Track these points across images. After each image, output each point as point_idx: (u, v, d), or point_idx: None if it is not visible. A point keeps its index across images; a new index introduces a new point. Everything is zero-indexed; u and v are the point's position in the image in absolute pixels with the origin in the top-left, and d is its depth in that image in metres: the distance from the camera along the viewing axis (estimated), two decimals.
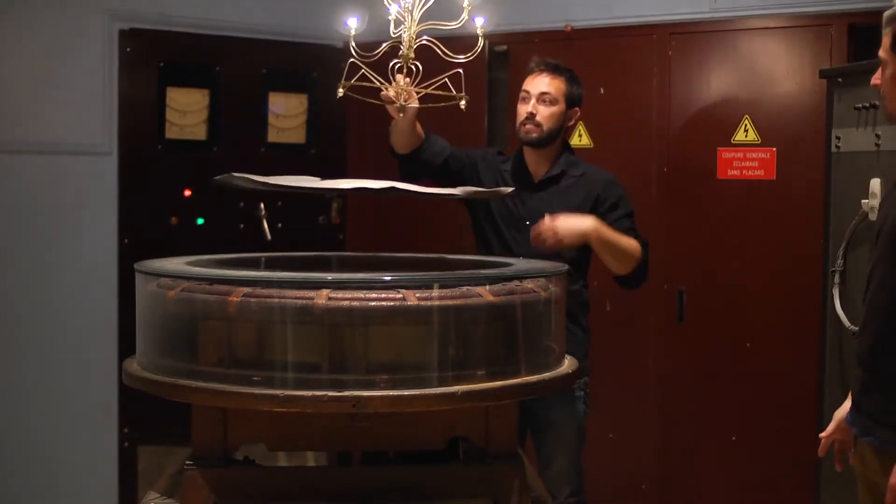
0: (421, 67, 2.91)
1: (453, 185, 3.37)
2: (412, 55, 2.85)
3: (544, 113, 3.59)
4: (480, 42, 2.85)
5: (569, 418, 3.60)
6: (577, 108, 3.69)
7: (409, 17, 2.83)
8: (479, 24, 2.87)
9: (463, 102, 2.91)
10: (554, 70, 3.66)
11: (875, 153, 3.52)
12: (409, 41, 2.84)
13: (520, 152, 3.72)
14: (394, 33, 2.85)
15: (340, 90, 2.85)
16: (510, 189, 3.28)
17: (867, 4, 4.06)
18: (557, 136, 3.66)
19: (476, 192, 3.30)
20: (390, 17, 2.83)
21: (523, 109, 3.62)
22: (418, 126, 3.48)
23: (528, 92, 3.63)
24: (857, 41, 4.17)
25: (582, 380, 3.57)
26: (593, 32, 4.74)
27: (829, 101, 3.81)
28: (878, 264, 2.58)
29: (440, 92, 2.89)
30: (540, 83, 3.62)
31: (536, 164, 3.68)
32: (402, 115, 3.14)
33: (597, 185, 3.65)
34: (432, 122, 3.53)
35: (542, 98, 3.60)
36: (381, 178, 2.82)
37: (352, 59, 2.84)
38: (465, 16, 2.83)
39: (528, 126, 3.60)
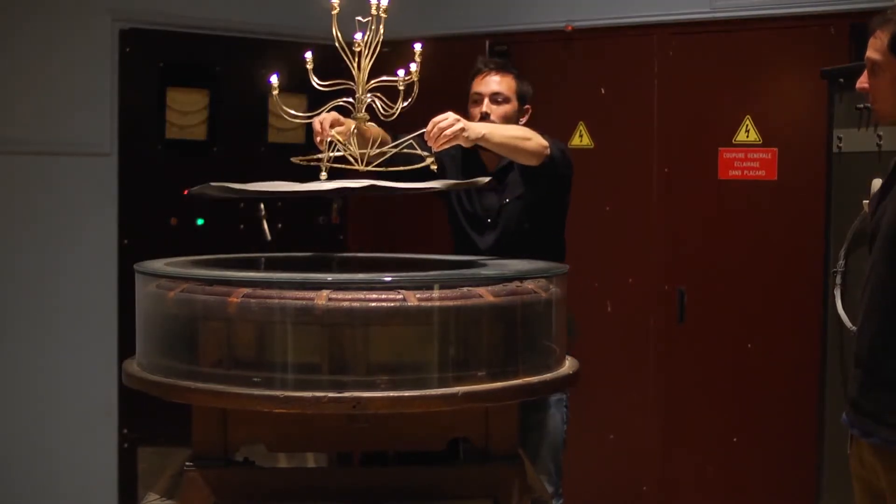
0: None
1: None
2: (367, 116, 2.80)
3: (498, 113, 3.51)
4: (415, 71, 2.76)
5: (547, 421, 3.57)
6: (528, 106, 3.61)
7: (358, 74, 2.74)
8: (417, 49, 2.80)
9: (434, 166, 2.85)
10: (503, 68, 3.58)
11: (876, 153, 3.52)
12: (360, 102, 2.78)
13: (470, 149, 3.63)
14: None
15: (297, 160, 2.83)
16: (487, 179, 3.18)
17: (868, 4, 4.05)
18: None
19: (455, 184, 3.26)
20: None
21: (476, 111, 3.52)
22: (373, 133, 3.18)
23: (479, 94, 3.54)
24: (858, 41, 4.16)
25: None
26: (594, 32, 4.74)
27: (830, 102, 3.80)
28: (875, 265, 2.58)
29: (410, 151, 2.83)
30: (490, 83, 3.53)
31: (488, 159, 3.57)
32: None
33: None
34: (426, 122, 3.50)
35: (495, 98, 3.52)
36: (362, 178, 2.80)
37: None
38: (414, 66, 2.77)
39: None
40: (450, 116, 2.95)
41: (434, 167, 2.90)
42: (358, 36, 2.70)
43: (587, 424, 4.73)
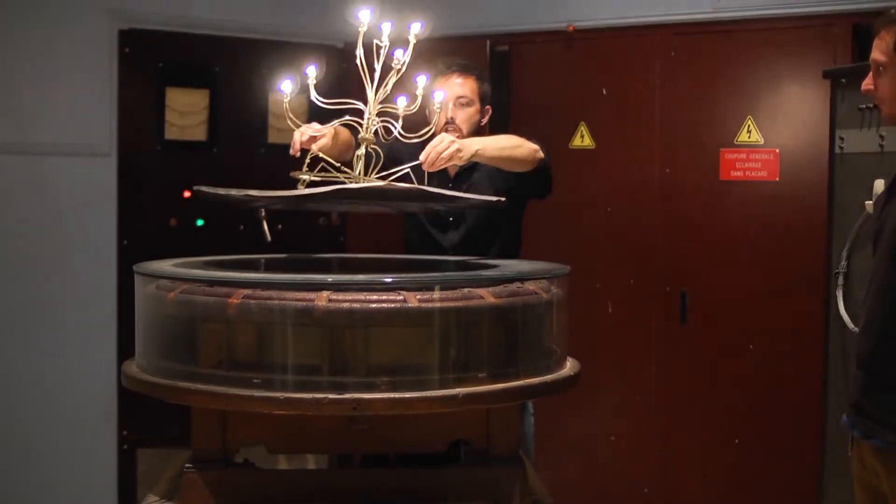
0: (381, 153, 2.82)
1: None
2: (373, 139, 2.79)
3: (462, 116, 3.51)
4: (419, 97, 2.76)
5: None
6: (488, 107, 3.62)
7: (372, 96, 2.74)
8: (439, 97, 2.79)
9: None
10: (465, 70, 3.56)
11: (879, 154, 3.51)
12: (368, 123, 2.77)
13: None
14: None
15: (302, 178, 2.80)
16: (502, 199, 3.13)
17: (870, 4, 4.05)
18: (476, 136, 3.51)
19: (469, 200, 3.23)
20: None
21: (441, 116, 3.44)
22: (342, 137, 3.20)
23: None
24: (861, 41, 4.15)
25: None
26: (595, 33, 4.73)
27: (832, 102, 3.80)
28: (878, 266, 2.59)
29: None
30: (454, 87, 3.52)
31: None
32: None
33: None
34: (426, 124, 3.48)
35: (459, 101, 3.51)
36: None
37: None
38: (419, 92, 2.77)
39: (449, 133, 3.42)
40: (445, 139, 2.95)
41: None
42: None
43: (588, 426, 4.73)
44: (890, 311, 2.53)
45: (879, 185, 3.41)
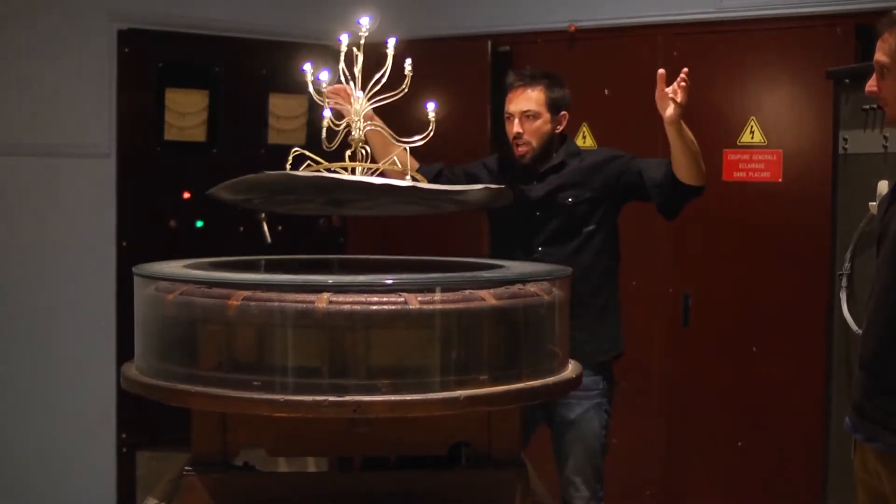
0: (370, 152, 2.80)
1: None
2: (362, 138, 2.78)
3: (530, 129, 3.58)
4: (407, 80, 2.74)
5: (582, 424, 3.62)
6: (564, 112, 3.68)
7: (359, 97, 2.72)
8: (431, 108, 2.78)
9: (415, 175, 2.78)
10: (531, 81, 3.62)
11: (883, 155, 3.51)
12: (358, 124, 2.76)
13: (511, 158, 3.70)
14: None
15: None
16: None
17: (874, 4, 4.05)
18: (550, 144, 3.65)
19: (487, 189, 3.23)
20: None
21: (510, 129, 3.61)
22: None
23: (510, 112, 3.61)
24: (864, 41, 4.14)
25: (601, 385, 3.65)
26: (598, 33, 4.73)
27: (835, 103, 3.78)
28: (881, 268, 2.58)
29: (392, 168, 2.79)
30: (520, 101, 3.59)
31: (536, 159, 3.66)
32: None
33: (600, 156, 3.73)
34: (426, 123, 3.47)
35: (525, 115, 3.58)
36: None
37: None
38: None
39: (519, 148, 3.59)
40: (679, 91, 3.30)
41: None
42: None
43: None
44: (892, 313, 2.52)
45: (883, 187, 3.40)
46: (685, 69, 3.30)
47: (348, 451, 2.70)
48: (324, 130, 2.78)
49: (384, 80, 2.69)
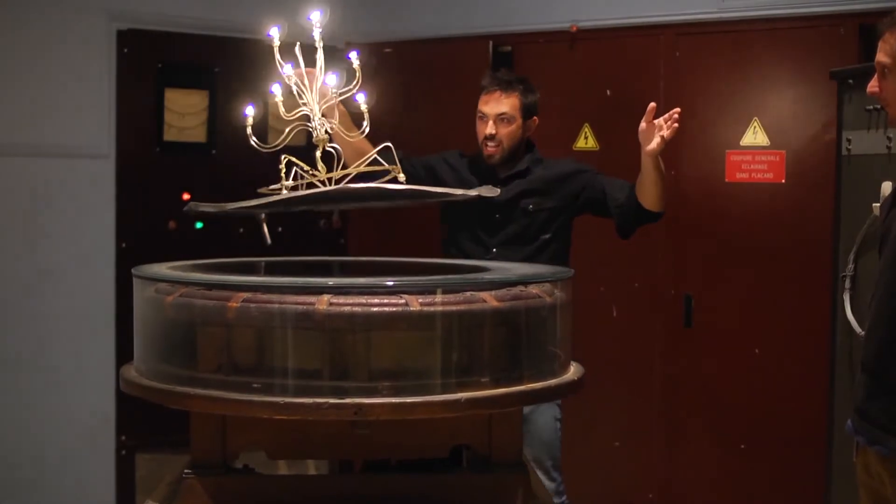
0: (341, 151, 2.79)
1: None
2: (326, 138, 2.78)
3: (503, 132, 3.71)
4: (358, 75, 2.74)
5: (535, 417, 3.64)
6: (535, 118, 3.79)
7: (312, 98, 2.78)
8: (362, 99, 2.78)
9: (402, 177, 2.72)
10: (507, 86, 3.73)
11: (886, 156, 3.50)
12: (317, 124, 2.77)
13: (481, 152, 3.79)
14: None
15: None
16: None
17: (877, 4, 4.04)
18: (518, 148, 3.76)
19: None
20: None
21: (482, 129, 3.71)
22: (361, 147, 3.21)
23: (484, 113, 3.72)
24: (868, 42, 4.13)
25: None
26: (599, 33, 4.72)
27: (839, 103, 3.78)
28: (884, 270, 2.58)
29: (374, 168, 2.77)
30: (495, 104, 3.70)
31: (498, 168, 3.78)
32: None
33: (566, 168, 3.83)
34: (433, 125, 3.48)
35: (500, 118, 3.70)
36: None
37: None
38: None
39: (489, 148, 3.71)
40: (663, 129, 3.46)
41: (402, 177, 2.74)
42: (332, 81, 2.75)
43: (592, 431, 4.70)
44: (894, 315, 2.51)
45: (887, 188, 3.39)
46: (677, 109, 3.46)
47: (349, 453, 2.70)
48: (280, 106, 2.90)
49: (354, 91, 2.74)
